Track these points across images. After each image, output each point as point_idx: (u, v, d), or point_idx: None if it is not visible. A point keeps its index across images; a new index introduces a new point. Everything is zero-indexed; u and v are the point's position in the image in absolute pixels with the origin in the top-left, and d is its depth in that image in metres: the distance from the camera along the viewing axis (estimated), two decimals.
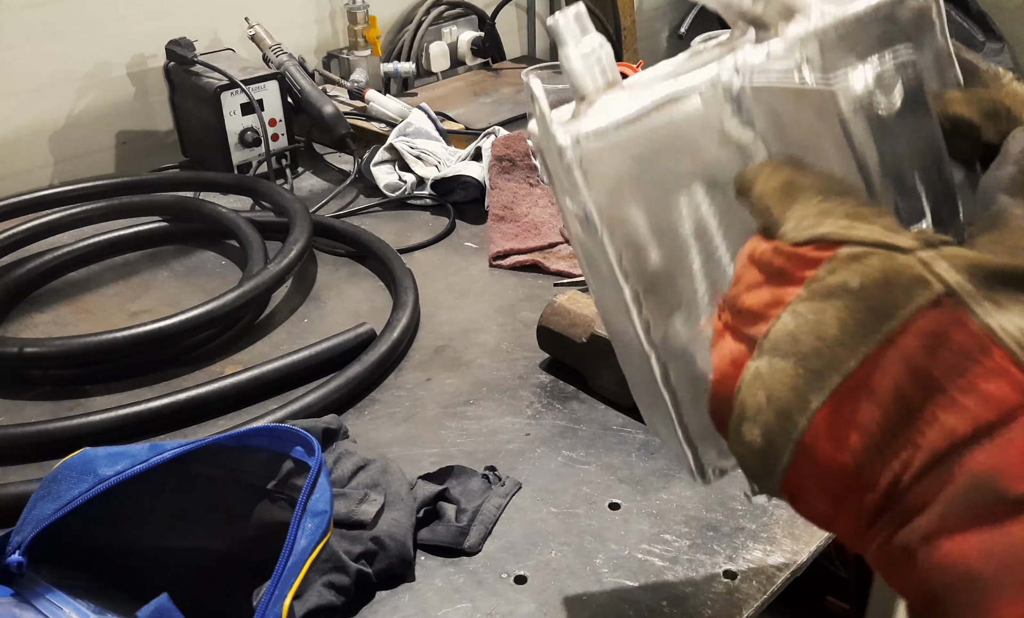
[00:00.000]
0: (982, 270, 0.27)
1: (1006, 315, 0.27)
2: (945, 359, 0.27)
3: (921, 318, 0.27)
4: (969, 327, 0.27)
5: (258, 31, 1.39)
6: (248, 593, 0.56)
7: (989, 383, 0.27)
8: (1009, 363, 0.27)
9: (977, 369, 0.27)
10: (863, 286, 0.28)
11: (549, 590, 0.63)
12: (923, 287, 0.28)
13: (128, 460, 0.54)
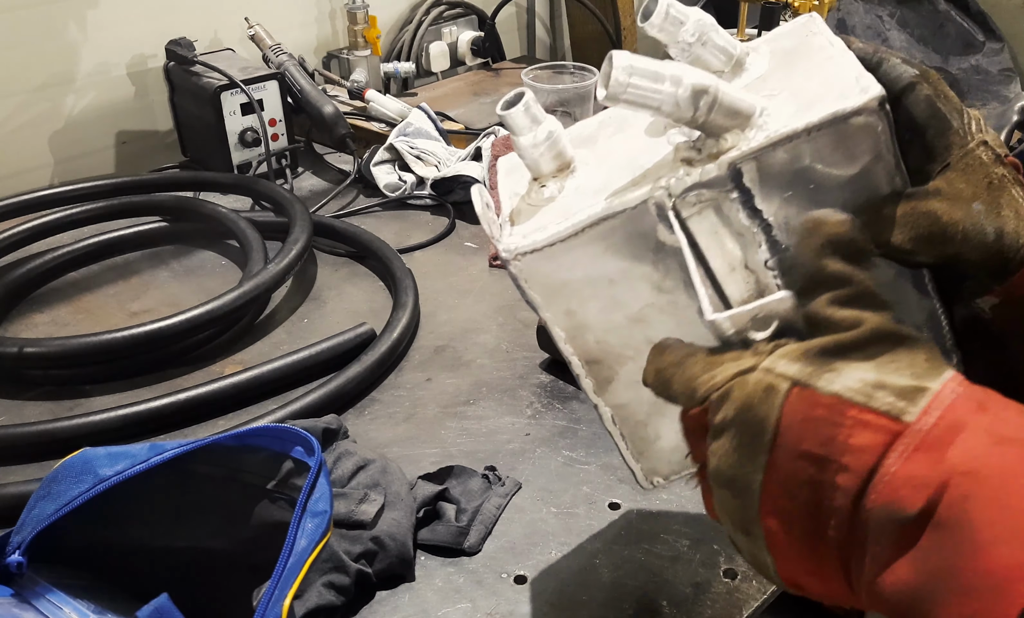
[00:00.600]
0: (813, 352, 0.33)
1: (844, 377, 0.32)
2: (818, 435, 0.32)
3: (785, 416, 0.32)
4: (822, 401, 0.32)
5: (258, 31, 1.39)
6: (248, 593, 0.56)
7: (856, 437, 0.31)
8: (863, 412, 0.31)
9: (843, 431, 0.31)
10: (736, 414, 0.33)
11: (549, 590, 0.63)
12: (774, 392, 0.33)
13: (128, 460, 0.54)
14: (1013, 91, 2.05)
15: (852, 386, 0.32)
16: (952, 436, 0.30)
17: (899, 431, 0.31)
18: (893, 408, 0.31)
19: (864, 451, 0.31)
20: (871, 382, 0.32)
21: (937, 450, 0.30)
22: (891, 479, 0.30)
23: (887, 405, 0.31)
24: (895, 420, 0.31)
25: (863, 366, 0.32)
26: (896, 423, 0.31)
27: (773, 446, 0.33)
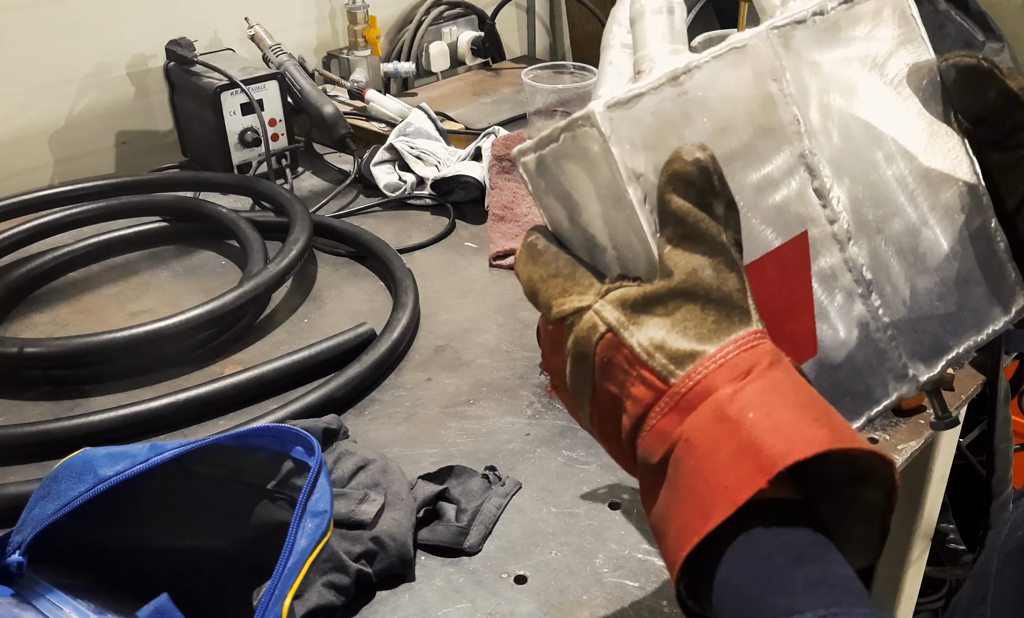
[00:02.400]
0: (629, 302, 0.37)
1: (641, 332, 0.36)
2: (615, 376, 0.37)
3: (597, 355, 0.38)
4: (622, 350, 0.37)
5: (258, 31, 1.39)
6: (248, 593, 0.56)
7: (634, 387, 0.36)
8: (642, 368, 0.36)
9: (628, 379, 0.37)
10: (573, 343, 0.39)
11: (549, 590, 0.63)
12: (595, 330, 0.38)
13: (128, 460, 0.54)
14: None
15: (642, 343, 0.36)
16: (698, 402, 0.35)
17: (663, 391, 0.36)
18: (664, 370, 0.36)
19: (638, 402, 0.36)
20: (656, 342, 0.36)
21: (683, 412, 0.35)
22: (649, 431, 0.36)
23: (660, 366, 0.36)
24: (663, 381, 0.36)
25: (659, 323, 0.36)
26: (663, 384, 0.36)
27: (591, 376, 0.38)
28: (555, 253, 0.42)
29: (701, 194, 0.36)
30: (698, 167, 0.36)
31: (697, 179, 0.36)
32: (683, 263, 0.36)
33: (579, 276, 0.40)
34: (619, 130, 0.38)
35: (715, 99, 0.40)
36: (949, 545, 1.13)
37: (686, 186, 0.36)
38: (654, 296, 0.36)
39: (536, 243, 0.43)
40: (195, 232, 1.16)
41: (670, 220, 0.37)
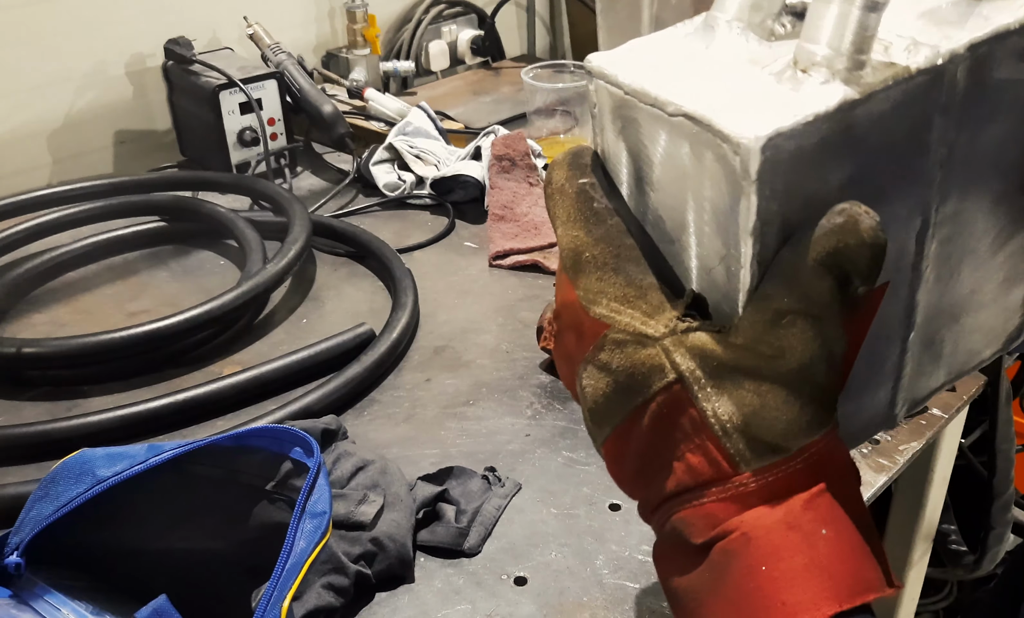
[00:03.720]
0: (714, 360, 0.32)
1: (723, 402, 0.32)
2: (670, 434, 0.33)
3: (655, 400, 0.33)
4: (689, 410, 0.32)
5: (257, 30, 1.39)
6: (247, 594, 0.55)
7: (694, 456, 0.32)
8: (711, 442, 0.32)
9: (688, 444, 0.33)
10: (620, 368, 0.34)
11: (549, 591, 0.63)
12: (660, 375, 0.33)
13: (126, 461, 0.54)
14: None
15: (721, 416, 0.32)
16: (760, 500, 0.31)
17: (729, 476, 0.32)
18: (739, 455, 0.32)
19: (694, 472, 0.33)
20: (738, 422, 0.31)
21: (743, 505, 0.32)
22: (698, 507, 0.33)
23: (736, 451, 0.32)
24: (732, 466, 0.32)
25: (745, 399, 0.31)
26: (731, 468, 0.32)
27: (635, 412, 0.34)
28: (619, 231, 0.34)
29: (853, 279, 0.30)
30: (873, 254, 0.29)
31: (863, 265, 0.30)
32: (799, 348, 0.31)
33: (647, 288, 0.34)
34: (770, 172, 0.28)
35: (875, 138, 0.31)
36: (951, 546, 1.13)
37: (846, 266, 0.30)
38: (750, 370, 0.31)
39: (592, 196, 0.35)
40: (193, 232, 1.15)
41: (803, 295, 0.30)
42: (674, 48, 0.34)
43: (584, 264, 0.35)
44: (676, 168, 0.32)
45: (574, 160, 0.36)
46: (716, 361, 0.32)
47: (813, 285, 0.30)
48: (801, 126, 0.28)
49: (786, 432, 0.31)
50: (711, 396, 0.32)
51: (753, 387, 0.31)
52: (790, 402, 0.31)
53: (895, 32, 0.32)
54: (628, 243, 0.34)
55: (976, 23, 0.33)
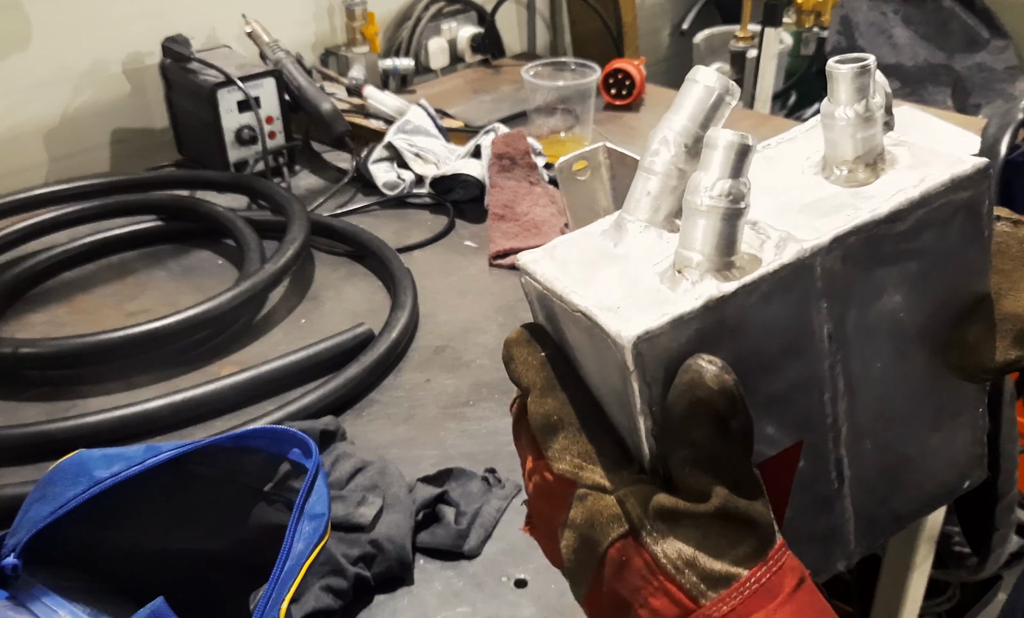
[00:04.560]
0: (654, 507, 0.35)
1: (668, 543, 0.35)
2: (629, 580, 0.35)
3: (613, 548, 0.36)
4: (644, 555, 0.35)
5: (255, 28, 1.38)
6: (245, 596, 0.55)
7: (655, 600, 0.35)
8: (667, 582, 0.34)
9: (647, 588, 0.35)
10: (583, 522, 0.37)
11: (549, 594, 0.62)
12: (618, 523, 0.36)
13: (124, 462, 0.54)
14: (1018, 88, 2.05)
15: (670, 555, 0.35)
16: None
17: (690, 610, 0.34)
18: (695, 589, 0.34)
19: (655, 614, 0.35)
20: (687, 558, 0.34)
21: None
22: None
23: (691, 584, 0.34)
24: (692, 600, 0.34)
25: (690, 537, 0.35)
26: (691, 603, 0.34)
27: (599, 565, 0.36)
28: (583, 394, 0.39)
29: (722, 420, 0.34)
30: (724, 395, 0.34)
31: (722, 406, 0.34)
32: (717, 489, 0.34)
33: (608, 447, 0.38)
34: (645, 364, 0.34)
35: (750, 325, 0.36)
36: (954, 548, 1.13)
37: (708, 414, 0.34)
38: (687, 512, 0.35)
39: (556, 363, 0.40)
40: (191, 231, 1.15)
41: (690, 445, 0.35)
42: (588, 246, 0.39)
43: (553, 427, 0.39)
44: (587, 354, 0.37)
45: (531, 335, 0.41)
46: (660, 507, 0.35)
47: (695, 437, 0.34)
48: (668, 325, 0.34)
49: (733, 559, 0.34)
50: (658, 539, 0.35)
51: (692, 524, 0.35)
52: (727, 533, 0.35)
53: (775, 226, 0.37)
54: (591, 405, 0.39)
55: (849, 214, 0.37)
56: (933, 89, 2.00)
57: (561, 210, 1.16)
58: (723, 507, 0.35)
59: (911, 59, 2.05)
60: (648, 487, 0.36)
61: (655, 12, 2.25)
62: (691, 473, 0.35)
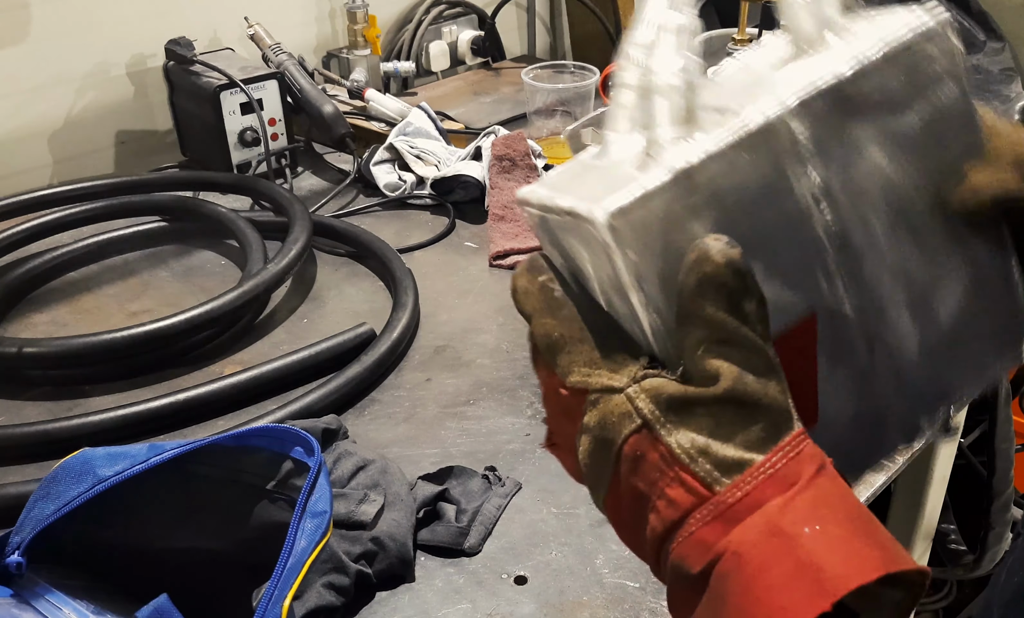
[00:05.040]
0: (665, 399, 0.35)
1: (681, 433, 0.35)
2: (646, 474, 0.35)
3: (627, 444, 0.36)
4: (658, 447, 0.35)
5: (257, 30, 1.39)
6: (248, 594, 0.56)
7: (671, 489, 0.35)
8: (682, 471, 0.34)
9: (663, 479, 0.35)
10: (596, 424, 0.37)
11: (549, 591, 0.63)
12: (629, 419, 0.36)
13: (127, 460, 0.54)
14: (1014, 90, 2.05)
15: (683, 444, 0.34)
16: (746, 514, 0.33)
17: (706, 497, 0.34)
18: (708, 476, 0.34)
19: (674, 505, 0.35)
20: (700, 446, 0.34)
21: (728, 523, 0.33)
22: (687, 538, 0.34)
23: (704, 472, 0.34)
24: (706, 487, 0.34)
25: (702, 425, 0.35)
26: (706, 490, 0.34)
27: (616, 462, 0.36)
28: (580, 308, 0.39)
29: (733, 295, 0.34)
30: (731, 268, 0.34)
31: (730, 281, 0.34)
32: (726, 370, 0.34)
33: (610, 350, 0.38)
34: (623, 238, 0.35)
35: (727, 191, 0.36)
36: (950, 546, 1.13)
37: (718, 289, 0.34)
38: (697, 399, 0.35)
39: (552, 288, 0.40)
40: (194, 232, 1.16)
41: (703, 324, 0.35)
42: (576, 166, 0.41)
43: (555, 344, 0.39)
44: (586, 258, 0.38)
45: (531, 265, 0.41)
46: (670, 398, 0.35)
47: (706, 315, 0.34)
48: (639, 198, 0.35)
49: (745, 443, 0.34)
50: (672, 430, 0.35)
51: (704, 412, 0.35)
52: (739, 418, 0.34)
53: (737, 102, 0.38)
54: (590, 318, 0.39)
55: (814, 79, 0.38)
56: None
57: None
58: (732, 389, 0.34)
59: None
60: (658, 380, 0.36)
61: None
62: (703, 356, 0.35)
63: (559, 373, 0.39)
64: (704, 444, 0.34)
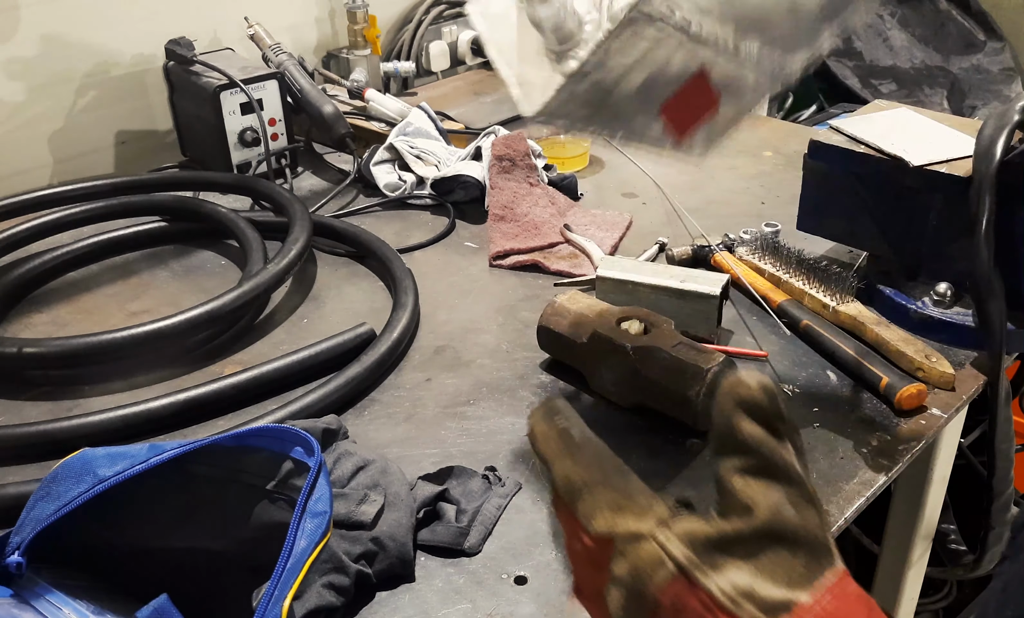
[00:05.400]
0: (702, 540, 0.34)
1: (721, 576, 0.33)
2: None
3: (664, 595, 0.34)
4: (698, 594, 0.33)
5: (257, 30, 1.39)
6: (248, 594, 0.56)
7: None
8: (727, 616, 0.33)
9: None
10: (628, 574, 0.35)
11: (549, 591, 0.63)
12: (662, 567, 0.34)
13: (127, 460, 0.54)
14: (1014, 90, 2.05)
15: (725, 589, 0.33)
16: None
17: None
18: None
19: None
20: (743, 589, 0.33)
21: None
22: None
23: (752, 616, 0.32)
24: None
25: (742, 566, 0.33)
26: None
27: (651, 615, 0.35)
28: (600, 452, 0.39)
29: (770, 418, 0.34)
30: (765, 391, 0.34)
31: (767, 403, 0.34)
32: (763, 500, 0.33)
33: (634, 492, 0.37)
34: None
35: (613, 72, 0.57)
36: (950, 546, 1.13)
37: (754, 411, 0.34)
38: (735, 536, 0.34)
39: (571, 431, 0.40)
40: (194, 232, 1.16)
41: (740, 449, 0.34)
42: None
43: (577, 488, 0.38)
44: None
45: (548, 409, 0.41)
46: (705, 539, 0.34)
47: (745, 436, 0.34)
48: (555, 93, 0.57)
49: (789, 582, 0.33)
50: (710, 574, 0.33)
51: (743, 552, 0.33)
52: (779, 553, 0.33)
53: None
54: (613, 461, 0.39)
55: None
56: (929, 91, 2.00)
57: (560, 210, 1.17)
58: (770, 521, 0.33)
59: (908, 61, 2.05)
60: (688, 521, 0.35)
61: None
62: (740, 484, 0.34)
63: (582, 519, 0.38)
64: (747, 587, 0.33)
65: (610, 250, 1.08)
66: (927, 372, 0.82)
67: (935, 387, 0.82)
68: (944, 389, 0.82)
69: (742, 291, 0.98)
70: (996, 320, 0.80)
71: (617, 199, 1.24)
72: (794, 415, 0.34)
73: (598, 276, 0.92)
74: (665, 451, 0.76)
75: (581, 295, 0.87)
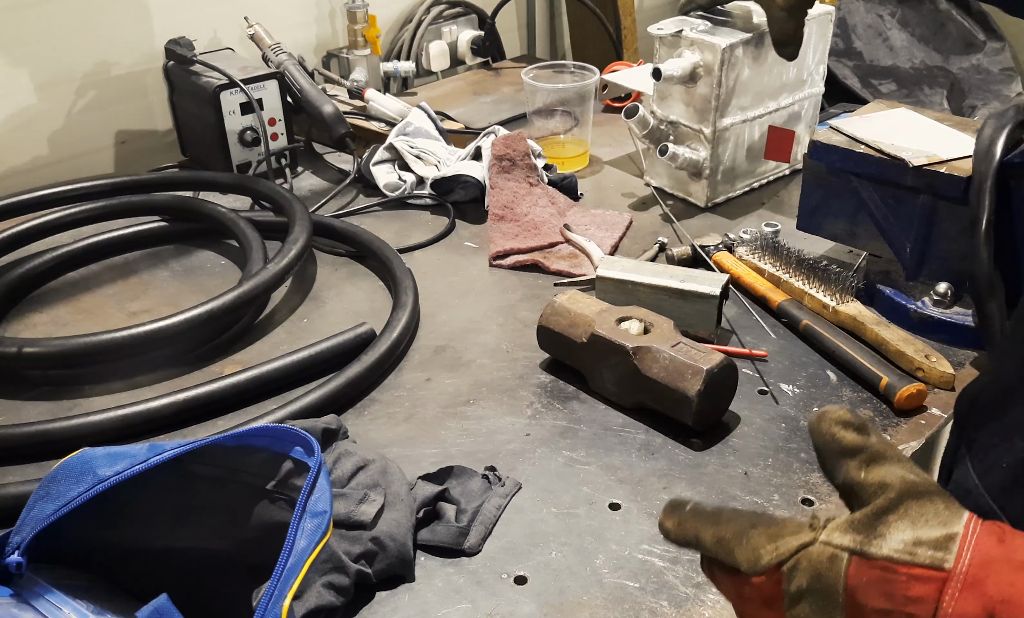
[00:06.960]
0: (858, 523, 0.39)
1: (888, 540, 0.38)
2: (881, 592, 0.38)
3: (850, 580, 0.39)
4: (877, 564, 0.38)
5: (257, 30, 1.39)
6: (248, 593, 0.56)
7: (912, 589, 0.37)
8: (911, 568, 0.37)
9: (900, 586, 0.37)
10: (811, 580, 0.40)
11: (549, 591, 0.63)
12: (838, 559, 0.39)
13: (127, 460, 0.54)
14: (1014, 90, 2.05)
15: (897, 548, 0.38)
16: (985, 572, 0.36)
17: (944, 578, 0.37)
18: (934, 560, 0.37)
19: (922, 600, 0.37)
20: (911, 541, 0.38)
21: (978, 586, 0.36)
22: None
23: (929, 558, 0.37)
24: (938, 570, 0.37)
25: (900, 526, 0.38)
26: (940, 572, 0.37)
27: (846, 606, 0.39)
28: (731, 508, 0.44)
29: (859, 428, 0.42)
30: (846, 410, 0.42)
31: (853, 417, 0.42)
32: (890, 476, 0.40)
33: (778, 521, 0.42)
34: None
35: None
36: None
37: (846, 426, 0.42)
38: (883, 509, 0.39)
39: (702, 505, 0.45)
40: (194, 232, 1.16)
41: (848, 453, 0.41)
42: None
43: (730, 543, 0.43)
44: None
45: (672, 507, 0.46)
46: (859, 522, 0.39)
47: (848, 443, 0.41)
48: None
49: (941, 522, 0.38)
50: (880, 545, 0.38)
51: (895, 517, 0.39)
52: (923, 505, 0.39)
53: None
54: (748, 511, 0.44)
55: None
56: (929, 91, 2.00)
57: (560, 210, 1.17)
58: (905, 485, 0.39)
59: (908, 61, 2.05)
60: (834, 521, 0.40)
61: (653, 15, 2.25)
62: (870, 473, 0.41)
63: (747, 567, 0.42)
64: (913, 538, 0.38)
65: (610, 250, 1.08)
66: (927, 372, 0.82)
67: (935, 387, 0.82)
68: (944, 389, 0.82)
69: (742, 291, 0.98)
70: (996, 320, 0.80)
71: (617, 199, 1.24)
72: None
73: (598, 276, 0.92)
74: (665, 451, 0.76)
75: (581, 295, 0.87)
